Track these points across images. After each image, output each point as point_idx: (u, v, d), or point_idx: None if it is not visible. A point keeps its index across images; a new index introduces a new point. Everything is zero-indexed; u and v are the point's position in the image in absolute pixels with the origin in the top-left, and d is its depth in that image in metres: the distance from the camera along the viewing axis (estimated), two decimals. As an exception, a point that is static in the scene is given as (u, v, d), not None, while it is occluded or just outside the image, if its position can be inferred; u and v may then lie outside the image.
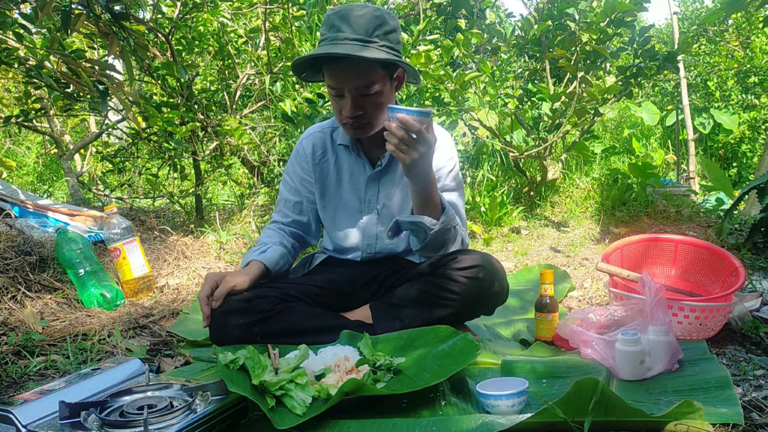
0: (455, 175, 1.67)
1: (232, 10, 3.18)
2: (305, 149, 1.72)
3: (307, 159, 1.71)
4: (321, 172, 1.71)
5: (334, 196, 1.71)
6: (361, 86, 1.47)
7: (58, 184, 6.57)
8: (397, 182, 1.66)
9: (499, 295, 1.56)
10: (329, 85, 1.50)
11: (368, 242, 1.70)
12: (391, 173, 1.67)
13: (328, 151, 1.71)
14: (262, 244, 1.69)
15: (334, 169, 1.70)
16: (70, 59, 2.15)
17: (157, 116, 2.74)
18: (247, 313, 1.48)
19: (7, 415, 1.03)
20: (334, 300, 1.66)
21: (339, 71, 1.47)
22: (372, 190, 1.67)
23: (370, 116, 1.52)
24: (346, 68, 1.45)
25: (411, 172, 1.42)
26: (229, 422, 1.14)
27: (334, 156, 1.70)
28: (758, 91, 8.07)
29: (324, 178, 1.71)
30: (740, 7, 3.60)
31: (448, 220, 1.51)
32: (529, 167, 4.27)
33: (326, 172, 1.71)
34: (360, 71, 1.45)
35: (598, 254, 2.95)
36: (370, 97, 1.49)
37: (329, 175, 1.71)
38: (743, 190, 2.73)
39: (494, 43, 3.75)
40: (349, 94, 1.48)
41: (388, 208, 1.67)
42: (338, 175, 1.70)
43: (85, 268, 2.10)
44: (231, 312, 1.48)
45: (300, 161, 1.73)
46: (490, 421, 1.05)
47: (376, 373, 1.29)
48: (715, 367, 1.34)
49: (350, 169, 1.69)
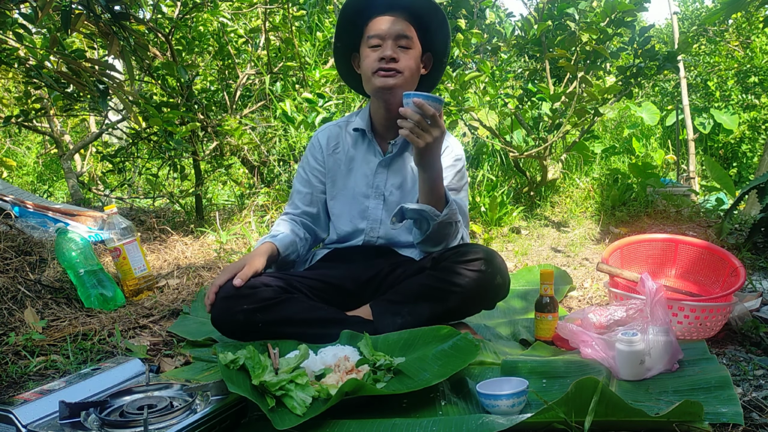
0: (462, 176, 1.74)
1: (232, 10, 3.18)
2: (320, 141, 1.81)
3: (321, 150, 1.80)
4: (334, 163, 1.78)
5: (344, 185, 1.77)
6: (402, 35, 1.60)
7: (58, 184, 6.57)
8: (407, 172, 1.72)
9: (501, 288, 1.59)
10: (371, 35, 1.61)
11: (372, 226, 1.74)
12: (401, 162, 1.73)
13: (342, 142, 1.78)
14: (274, 231, 1.75)
15: (346, 159, 1.77)
16: (70, 59, 2.15)
17: (157, 116, 2.74)
18: (251, 299, 1.50)
19: (7, 415, 1.03)
20: (335, 295, 1.67)
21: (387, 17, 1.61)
22: (381, 176, 1.73)
23: (403, 64, 1.61)
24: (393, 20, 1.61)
25: (423, 158, 1.47)
26: (229, 422, 1.14)
27: (347, 146, 1.78)
28: (758, 91, 8.06)
29: (336, 168, 1.78)
30: (740, 7, 3.59)
31: (451, 213, 1.55)
32: (529, 167, 4.27)
33: (339, 162, 1.78)
34: (405, 21, 1.62)
35: (598, 254, 2.95)
36: (405, 48, 1.62)
37: (341, 165, 1.78)
38: (743, 190, 2.73)
39: (494, 43, 3.75)
40: (389, 40, 1.60)
41: (395, 195, 1.72)
42: (350, 165, 1.77)
43: (85, 268, 2.10)
44: (235, 297, 1.50)
45: (314, 152, 1.81)
46: (490, 421, 1.05)
47: (376, 373, 1.29)
48: (715, 367, 1.34)
49: (362, 156, 1.76)
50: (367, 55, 1.64)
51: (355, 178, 1.76)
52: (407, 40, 1.62)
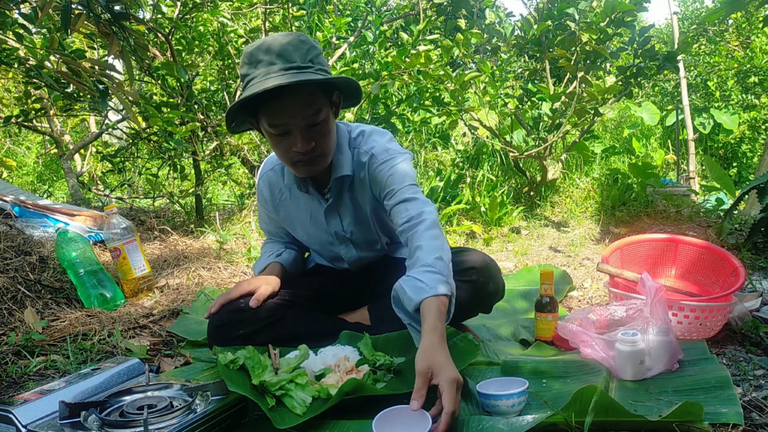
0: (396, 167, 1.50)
1: (232, 10, 3.18)
2: (263, 192, 1.68)
3: (267, 202, 1.68)
4: (285, 210, 1.67)
5: (306, 230, 1.68)
6: (309, 116, 1.35)
7: (58, 184, 6.57)
8: (352, 205, 1.60)
9: (495, 295, 1.58)
10: (271, 124, 1.36)
11: (352, 261, 1.70)
12: (344, 201, 1.59)
13: (284, 189, 1.64)
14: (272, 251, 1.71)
15: (294, 206, 1.65)
16: (70, 59, 2.15)
17: (157, 116, 2.74)
18: (246, 323, 1.48)
19: (7, 415, 1.03)
20: (330, 302, 1.67)
21: (283, 106, 1.33)
22: (334, 222, 1.61)
23: (323, 147, 1.41)
24: (291, 100, 1.33)
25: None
26: (229, 422, 1.14)
27: (289, 194, 1.64)
28: (758, 91, 8.06)
29: (289, 215, 1.67)
30: (740, 6, 3.60)
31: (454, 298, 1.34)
32: (529, 167, 4.27)
33: (289, 209, 1.66)
34: (306, 100, 1.34)
35: (598, 254, 2.95)
36: (318, 126, 1.38)
37: (291, 210, 1.66)
38: (743, 190, 2.73)
39: (494, 43, 3.75)
40: (297, 129, 1.35)
41: (357, 232, 1.63)
42: (300, 210, 1.65)
43: (85, 268, 2.10)
44: (230, 323, 1.48)
45: (263, 203, 1.71)
46: (491, 425, 1.05)
47: (376, 373, 1.29)
48: (715, 367, 1.34)
49: (307, 207, 1.62)
50: (275, 143, 1.40)
51: (312, 226, 1.65)
52: (315, 116, 1.36)
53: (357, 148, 1.54)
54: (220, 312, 1.50)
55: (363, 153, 1.53)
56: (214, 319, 1.49)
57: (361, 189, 1.56)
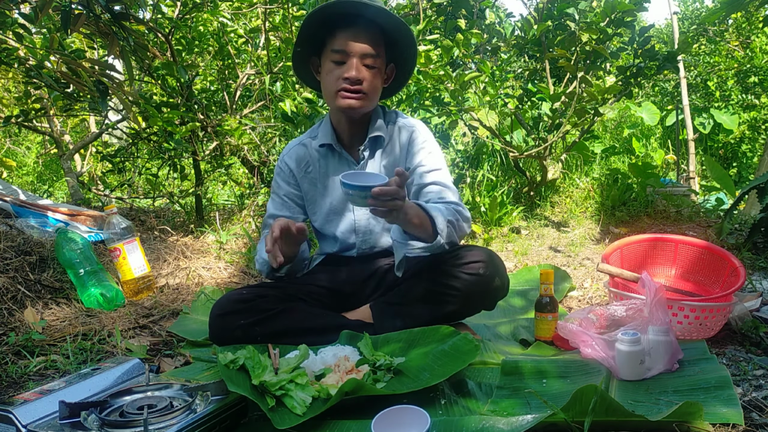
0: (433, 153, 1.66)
1: (232, 10, 3.18)
2: (288, 165, 1.73)
3: (292, 174, 1.73)
4: (309, 183, 1.73)
5: (325, 204, 1.72)
6: (369, 53, 1.52)
7: (58, 184, 6.57)
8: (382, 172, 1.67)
9: (500, 290, 1.58)
10: (335, 49, 1.52)
11: (363, 238, 1.71)
12: (376, 164, 1.69)
13: (311, 161, 1.72)
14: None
15: (320, 177, 1.71)
16: (70, 59, 2.15)
17: (157, 116, 2.74)
18: (248, 314, 1.48)
19: (7, 415, 1.03)
20: (334, 299, 1.67)
21: (355, 32, 1.51)
22: None
23: (368, 87, 1.55)
24: (365, 30, 1.51)
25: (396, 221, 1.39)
26: (229, 422, 1.14)
27: (317, 164, 1.71)
28: (758, 91, 8.06)
29: (312, 189, 1.73)
30: (740, 6, 3.59)
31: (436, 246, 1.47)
32: (529, 167, 4.27)
33: (314, 182, 1.72)
34: (373, 39, 1.53)
35: (598, 254, 2.95)
36: (371, 69, 1.54)
37: (317, 184, 1.72)
38: (743, 190, 2.73)
39: (494, 43, 3.75)
40: (356, 58, 1.52)
41: None
42: (325, 182, 1.71)
43: (85, 268, 2.10)
44: (231, 313, 1.49)
45: (286, 178, 1.74)
46: (491, 425, 1.05)
47: (376, 373, 1.29)
48: (715, 367, 1.34)
49: (335, 170, 1.69)
50: (330, 71, 1.55)
51: (333, 195, 1.70)
52: (373, 58, 1.54)
53: (393, 122, 1.68)
54: (221, 301, 1.53)
55: (403, 126, 1.67)
56: (217, 308, 1.51)
57: (392, 157, 1.66)
